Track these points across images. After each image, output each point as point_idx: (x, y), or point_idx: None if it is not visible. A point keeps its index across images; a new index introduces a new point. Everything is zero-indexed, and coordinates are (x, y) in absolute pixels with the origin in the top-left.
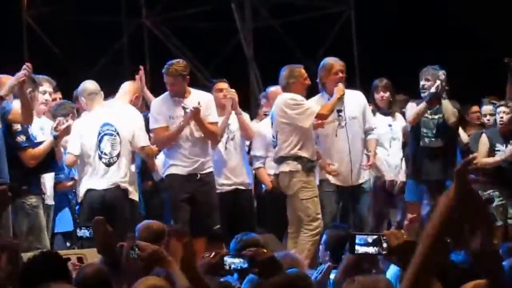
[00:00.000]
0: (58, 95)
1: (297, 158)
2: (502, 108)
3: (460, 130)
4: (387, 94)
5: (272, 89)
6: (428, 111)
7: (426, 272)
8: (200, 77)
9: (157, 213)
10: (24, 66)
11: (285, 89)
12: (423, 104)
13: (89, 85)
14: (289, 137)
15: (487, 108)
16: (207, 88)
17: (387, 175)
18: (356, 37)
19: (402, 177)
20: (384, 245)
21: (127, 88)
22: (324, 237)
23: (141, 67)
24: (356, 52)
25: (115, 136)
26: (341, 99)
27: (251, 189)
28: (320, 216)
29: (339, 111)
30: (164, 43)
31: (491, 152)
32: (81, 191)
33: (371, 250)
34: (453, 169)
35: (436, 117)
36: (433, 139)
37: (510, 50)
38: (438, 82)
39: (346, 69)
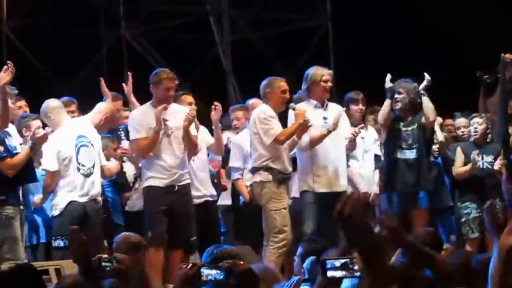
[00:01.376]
0: (22, 102)
1: (268, 169)
2: (476, 119)
3: (437, 129)
4: (363, 107)
5: (252, 101)
6: (401, 123)
7: None
8: (179, 90)
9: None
10: (7, 66)
11: (263, 99)
12: (386, 103)
13: (52, 102)
14: (261, 149)
15: (461, 121)
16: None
17: (360, 187)
18: (333, 50)
19: (375, 189)
20: (355, 267)
21: (99, 108)
22: (300, 249)
23: (130, 73)
24: (333, 64)
25: (90, 147)
26: (302, 124)
27: (217, 201)
28: (287, 228)
29: (325, 118)
30: (143, 55)
31: (467, 163)
32: (62, 202)
33: (341, 273)
34: (426, 181)
35: (409, 128)
36: (407, 151)
37: (482, 64)
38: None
39: None
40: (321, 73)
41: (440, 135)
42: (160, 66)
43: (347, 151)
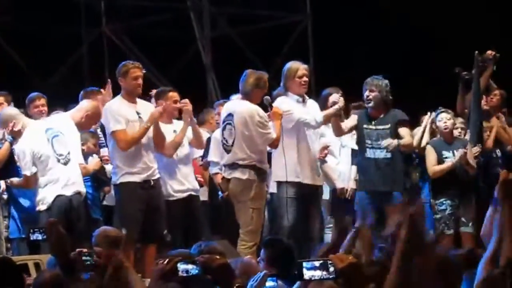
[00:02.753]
0: (2, 98)
1: (253, 168)
2: (444, 115)
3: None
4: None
5: (235, 97)
6: (372, 122)
7: None
8: (158, 84)
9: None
10: None
11: (247, 96)
12: (334, 118)
13: (9, 110)
14: (247, 147)
15: (444, 116)
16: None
17: (337, 183)
18: (312, 46)
19: (352, 185)
20: (331, 268)
21: (81, 105)
22: (262, 253)
23: (109, 80)
24: (312, 60)
25: (60, 135)
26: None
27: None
28: (259, 229)
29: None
30: (124, 52)
31: (440, 161)
32: (49, 197)
33: (319, 274)
34: (399, 181)
35: (380, 127)
36: (377, 151)
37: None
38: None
39: None
40: (296, 68)
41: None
42: (141, 62)
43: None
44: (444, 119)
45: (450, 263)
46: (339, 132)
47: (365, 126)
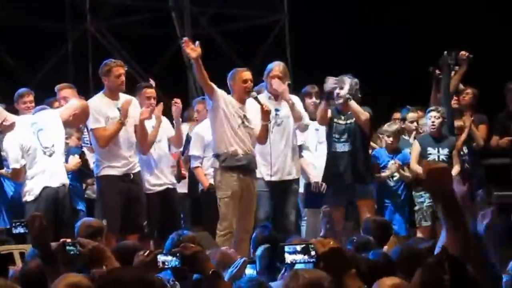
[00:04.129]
0: None
1: (217, 156)
2: (433, 113)
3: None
4: (318, 100)
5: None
6: (342, 117)
7: None
8: (141, 81)
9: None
10: None
11: (230, 92)
12: (322, 104)
13: None
14: (213, 137)
15: (412, 115)
16: None
17: (311, 177)
18: (290, 45)
19: None
20: (312, 252)
21: (70, 104)
22: (254, 235)
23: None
24: (290, 59)
25: (44, 129)
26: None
27: (176, 188)
28: (229, 217)
29: (276, 110)
30: (108, 50)
31: (424, 156)
32: (36, 188)
33: (300, 258)
34: (365, 174)
35: (348, 122)
36: (342, 144)
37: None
38: (332, 81)
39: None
40: (270, 68)
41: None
42: (125, 60)
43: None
44: (432, 117)
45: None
46: (324, 121)
47: (335, 120)
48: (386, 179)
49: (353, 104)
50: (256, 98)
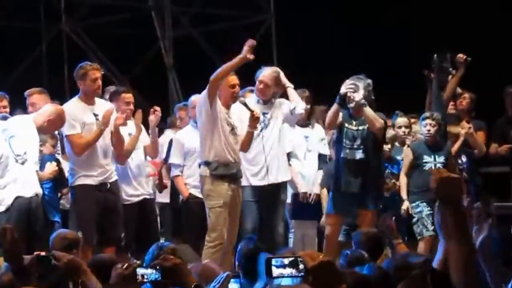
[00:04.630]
0: None
1: (206, 163)
2: (428, 121)
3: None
4: (308, 106)
5: (193, 98)
6: (353, 122)
7: None
8: (118, 85)
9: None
10: None
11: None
12: (333, 106)
13: None
14: (203, 143)
15: (401, 120)
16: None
17: (300, 187)
18: (276, 46)
19: (316, 190)
20: (301, 266)
21: (44, 109)
22: (238, 247)
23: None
24: (276, 61)
25: (15, 136)
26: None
27: (154, 198)
28: (220, 227)
29: (264, 113)
30: (84, 51)
31: (419, 165)
32: (8, 198)
33: (288, 271)
34: (375, 184)
35: (360, 128)
36: (354, 151)
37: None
38: (350, 82)
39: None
40: (258, 74)
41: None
42: (101, 62)
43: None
44: (427, 125)
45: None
46: (334, 125)
47: (346, 125)
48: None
49: (368, 110)
50: (245, 104)
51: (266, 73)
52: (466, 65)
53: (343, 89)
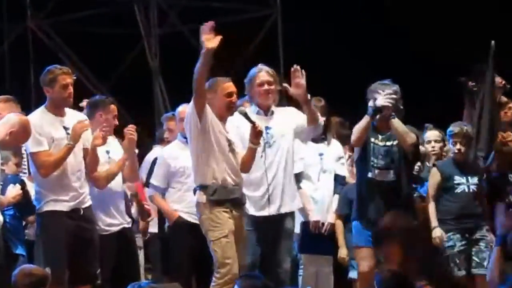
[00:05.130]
0: None
1: (202, 187)
2: (457, 138)
3: None
4: (324, 118)
5: (181, 109)
6: (379, 137)
7: None
8: (94, 92)
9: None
10: None
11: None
12: (364, 119)
13: None
14: (194, 165)
15: (432, 134)
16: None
17: (311, 214)
18: (282, 44)
19: (331, 218)
20: None
21: (6, 119)
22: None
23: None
24: (283, 61)
25: None
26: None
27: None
28: (230, 261)
29: (267, 128)
30: (53, 51)
31: (451, 187)
32: None
33: None
34: (408, 208)
35: (388, 144)
36: (383, 171)
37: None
38: (386, 92)
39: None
40: (253, 74)
41: None
42: (74, 65)
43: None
44: (457, 143)
45: None
46: (361, 142)
47: (372, 140)
48: None
49: (397, 122)
50: (245, 115)
51: (265, 70)
52: (504, 91)
53: (381, 101)
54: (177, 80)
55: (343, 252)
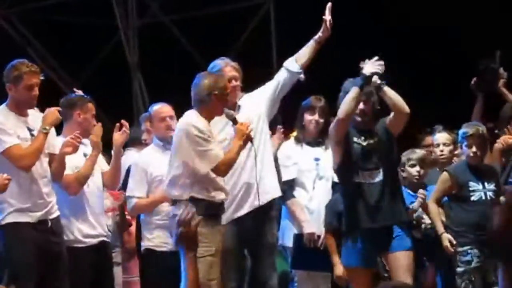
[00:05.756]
0: None
1: (192, 201)
2: (472, 140)
3: None
4: (323, 119)
5: (157, 107)
6: (362, 137)
7: None
8: (65, 89)
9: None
10: None
11: (199, 105)
12: (353, 90)
13: None
14: (182, 176)
15: (441, 136)
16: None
17: (306, 226)
18: (275, 35)
19: None
20: None
21: None
22: None
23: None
24: (276, 54)
25: None
26: (246, 143)
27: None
28: (213, 282)
29: (234, 120)
30: (19, 43)
31: (466, 198)
32: None
33: None
34: (401, 211)
35: (372, 141)
36: (372, 171)
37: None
38: (374, 59)
39: (263, 74)
40: (217, 68)
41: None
42: (42, 58)
43: None
44: (472, 145)
45: None
46: (351, 116)
47: (355, 140)
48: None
49: (389, 90)
50: (234, 120)
51: (230, 64)
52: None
53: (369, 68)
54: (158, 76)
55: (339, 270)
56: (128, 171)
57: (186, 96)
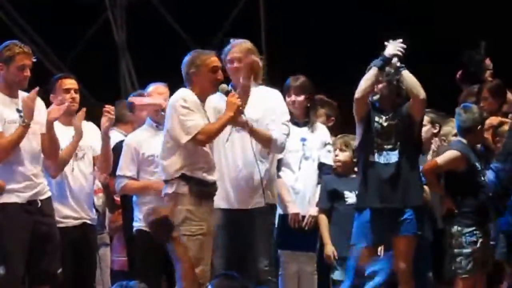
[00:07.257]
0: None
1: (184, 178)
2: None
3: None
4: (301, 97)
5: (152, 88)
6: (383, 117)
7: None
8: (51, 69)
9: None
10: None
11: (186, 82)
12: (372, 70)
13: None
14: (173, 151)
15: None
16: None
17: (290, 207)
18: (265, 19)
19: (314, 211)
20: None
21: None
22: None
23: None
24: (264, 37)
25: None
26: (237, 115)
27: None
28: (204, 261)
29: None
30: (6, 25)
31: (471, 176)
32: None
33: None
34: (414, 193)
35: (393, 122)
36: (390, 152)
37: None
38: (398, 41)
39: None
40: (227, 51)
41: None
42: (31, 40)
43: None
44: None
45: None
46: (367, 97)
47: (376, 119)
48: None
49: (408, 74)
50: (227, 93)
51: (237, 45)
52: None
53: (390, 50)
54: (146, 56)
55: (328, 250)
56: (117, 152)
57: (174, 76)
